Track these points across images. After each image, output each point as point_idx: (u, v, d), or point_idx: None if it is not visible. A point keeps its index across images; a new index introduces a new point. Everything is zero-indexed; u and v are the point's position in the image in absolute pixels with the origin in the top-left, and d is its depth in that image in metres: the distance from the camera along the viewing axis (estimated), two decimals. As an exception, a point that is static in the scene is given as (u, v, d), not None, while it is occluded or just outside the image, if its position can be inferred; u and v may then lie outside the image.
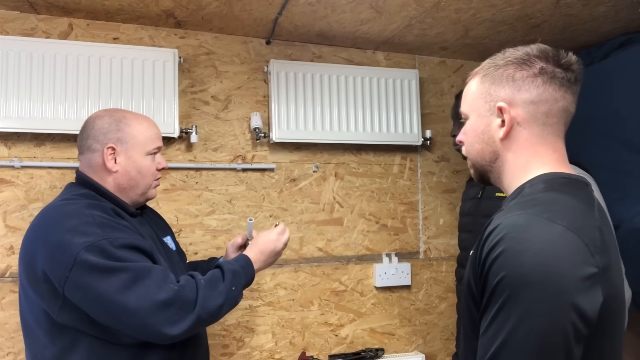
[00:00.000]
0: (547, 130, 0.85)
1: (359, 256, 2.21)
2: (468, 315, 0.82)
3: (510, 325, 0.68)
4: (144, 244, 1.15)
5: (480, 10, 1.82)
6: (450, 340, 2.32)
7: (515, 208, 0.78)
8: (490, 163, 0.90)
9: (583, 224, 0.75)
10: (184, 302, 1.09)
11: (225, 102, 2.05)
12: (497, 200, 1.74)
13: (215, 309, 1.14)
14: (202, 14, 1.85)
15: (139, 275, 1.07)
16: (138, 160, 1.26)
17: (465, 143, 0.95)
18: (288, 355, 2.06)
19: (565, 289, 0.68)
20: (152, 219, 1.42)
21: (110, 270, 1.05)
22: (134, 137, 1.25)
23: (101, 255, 1.05)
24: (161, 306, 1.06)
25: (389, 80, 2.19)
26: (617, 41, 2.06)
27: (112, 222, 1.13)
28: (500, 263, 0.71)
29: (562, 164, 0.87)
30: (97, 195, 1.22)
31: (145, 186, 1.28)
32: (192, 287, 1.13)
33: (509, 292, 0.69)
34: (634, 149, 1.91)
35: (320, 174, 2.16)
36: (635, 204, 1.86)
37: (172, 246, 1.41)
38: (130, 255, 1.09)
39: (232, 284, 1.20)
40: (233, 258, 1.31)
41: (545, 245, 0.70)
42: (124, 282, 1.05)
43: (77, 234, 1.07)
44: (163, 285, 1.08)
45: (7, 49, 1.70)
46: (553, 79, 0.84)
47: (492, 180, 0.93)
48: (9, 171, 1.77)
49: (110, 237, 1.08)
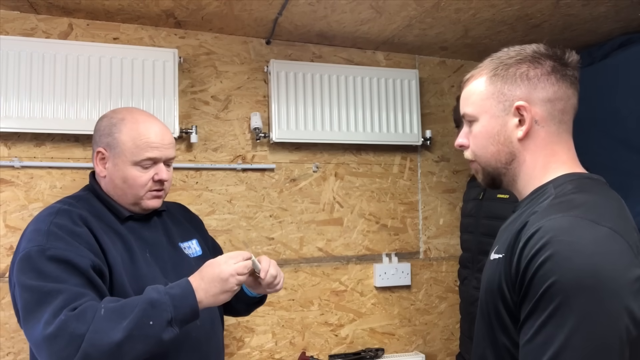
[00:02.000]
0: (562, 128, 0.85)
1: (359, 256, 2.21)
2: (496, 319, 0.80)
3: (565, 332, 0.66)
4: (78, 260, 1.03)
5: (480, 10, 1.82)
6: (450, 340, 2.32)
7: (554, 210, 0.75)
8: (505, 165, 0.88)
9: (624, 225, 0.74)
10: (70, 336, 0.93)
11: (225, 102, 2.05)
12: (498, 201, 1.74)
13: (110, 346, 0.93)
14: (202, 14, 1.85)
15: (42, 300, 0.98)
16: (123, 169, 1.17)
17: (473, 146, 0.91)
18: (288, 355, 2.06)
19: (619, 293, 0.67)
20: (177, 221, 1.34)
21: (22, 286, 1.01)
22: (122, 144, 1.16)
23: (26, 262, 1.02)
24: (48, 339, 0.94)
25: (389, 80, 2.19)
26: (617, 41, 2.06)
27: (64, 230, 1.06)
28: (549, 267, 0.69)
29: (576, 163, 0.86)
30: (92, 197, 1.19)
31: (134, 196, 1.19)
32: (86, 317, 0.95)
33: (561, 298, 0.67)
34: (634, 148, 1.91)
35: (320, 174, 2.16)
36: (635, 204, 1.86)
37: (195, 252, 1.30)
38: (54, 270, 1.01)
39: (149, 316, 0.96)
40: (173, 283, 1.06)
41: (595, 248, 0.69)
42: (27, 302, 1.00)
43: (26, 240, 1.07)
44: (58, 314, 0.95)
45: (7, 49, 1.70)
46: (564, 77, 0.84)
47: (504, 183, 0.91)
48: (9, 171, 1.77)
49: (46, 245, 1.03)
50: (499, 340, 0.80)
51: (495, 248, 0.85)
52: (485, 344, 0.84)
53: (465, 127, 0.93)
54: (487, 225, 1.79)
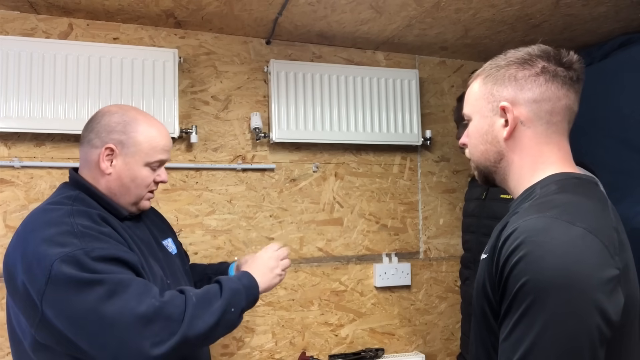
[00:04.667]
0: (552, 129, 0.85)
1: (359, 256, 2.21)
2: (482, 318, 0.82)
3: (535, 331, 0.67)
4: (127, 256, 1.05)
5: (480, 10, 1.82)
6: (451, 340, 2.32)
7: (532, 211, 0.76)
8: (495, 164, 0.90)
9: (601, 225, 0.74)
10: (167, 320, 0.99)
11: (225, 102, 2.05)
12: (501, 202, 1.74)
13: (205, 330, 1.02)
14: (202, 14, 1.85)
15: (116, 289, 0.98)
16: (135, 168, 1.17)
17: (468, 145, 0.94)
18: (288, 355, 2.06)
19: (590, 292, 0.67)
20: (152, 220, 1.35)
21: (86, 283, 0.96)
22: (138, 144, 1.17)
23: (76, 267, 0.97)
24: (142, 321, 0.96)
25: (389, 80, 2.19)
26: (617, 41, 2.06)
27: (94, 230, 1.04)
28: (522, 267, 0.70)
29: (568, 163, 0.86)
30: (87, 197, 1.15)
31: (137, 196, 1.20)
32: (178, 303, 1.02)
33: (532, 297, 0.68)
34: (635, 148, 1.91)
35: (320, 174, 2.16)
36: (635, 204, 1.86)
37: (173, 249, 1.34)
38: (108, 268, 1.00)
39: (231, 304, 1.08)
40: (235, 275, 1.20)
41: (567, 248, 0.69)
42: (100, 296, 0.96)
43: (53, 245, 0.99)
44: (144, 299, 0.98)
45: (7, 49, 1.70)
46: (555, 77, 0.84)
47: (497, 181, 0.92)
48: (9, 171, 1.77)
49: (87, 247, 1.00)
50: (487, 339, 0.81)
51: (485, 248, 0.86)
52: (478, 344, 0.85)
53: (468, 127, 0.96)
54: (488, 226, 1.78)
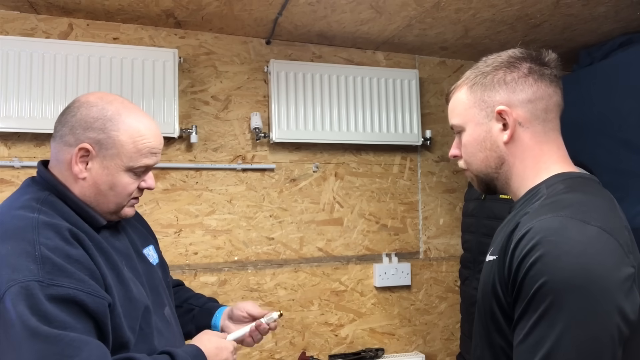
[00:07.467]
0: (548, 127, 0.86)
1: (359, 256, 2.21)
2: (491, 320, 0.81)
3: (555, 332, 0.66)
4: (88, 300, 0.86)
5: (480, 10, 1.82)
6: (450, 340, 2.32)
7: (544, 210, 0.75)
8: (496, 169, 0.89)
9: (614, 223, 0.74)
10: None
11: (225, 102, 2.05)
12: (501, 202, 1.74)
13: None
14: (202, 14, 1.85)
15: (64, 352, 0.81)
16: (114, 174, 0.98)
17: (464, 155, 0.93)
18: (288, 355, 2.06)
19: (609, 292, 0.66)
20: (133, 226, 1.17)
21: (32, 333, 0.79)
22: (119, 145, 0.97)
23: (25, 303, 0.81)
24: None
25: (389, 80, 2.19)
26: (617, 41, 2.06)
27: (59, 254, 0.87)
28: (539, 268, 0.69)
29: (568, 162, 0.87)
30: (58, 201, 0.96)
31: (116, 205, 1.02)
32: None
33: (551, 298, 0.67)
34: (634, 148, 1.91)
35: (320, 174, 2.16)
36: (635, 204, 1.86)
37: (155, 259, 1.18)
38: (62, 316, 0.83)
39: None
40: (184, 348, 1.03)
41: (585, 247, 0.68)
42: (44, 356, 0.80)
43: (5, 265, 0.83)
44: None
45: (7, 49, 1.70)
46: (542, 76, 0.85)
47: (498, 187, 0.92)
48: (9, 171, 1.77)
49: (45, 280, 0.83)
50: (495, 341, 0.81)
51: (491, 249, 0.86)
52: (483, 345, 0.85)
53: (457, 138, 0.95)
54: (488, 226, 1.78)
